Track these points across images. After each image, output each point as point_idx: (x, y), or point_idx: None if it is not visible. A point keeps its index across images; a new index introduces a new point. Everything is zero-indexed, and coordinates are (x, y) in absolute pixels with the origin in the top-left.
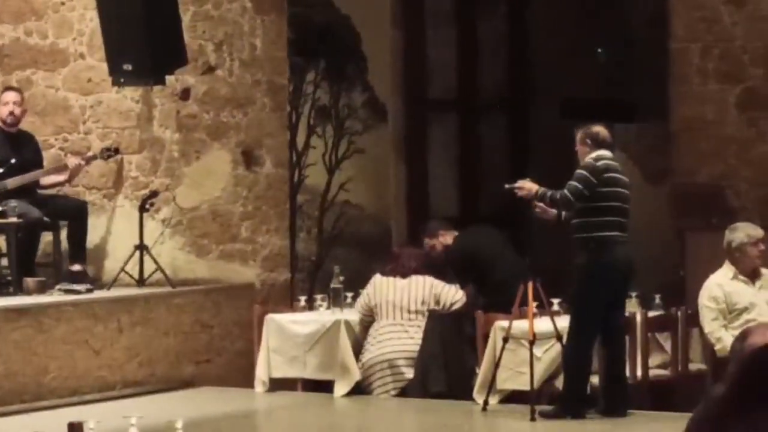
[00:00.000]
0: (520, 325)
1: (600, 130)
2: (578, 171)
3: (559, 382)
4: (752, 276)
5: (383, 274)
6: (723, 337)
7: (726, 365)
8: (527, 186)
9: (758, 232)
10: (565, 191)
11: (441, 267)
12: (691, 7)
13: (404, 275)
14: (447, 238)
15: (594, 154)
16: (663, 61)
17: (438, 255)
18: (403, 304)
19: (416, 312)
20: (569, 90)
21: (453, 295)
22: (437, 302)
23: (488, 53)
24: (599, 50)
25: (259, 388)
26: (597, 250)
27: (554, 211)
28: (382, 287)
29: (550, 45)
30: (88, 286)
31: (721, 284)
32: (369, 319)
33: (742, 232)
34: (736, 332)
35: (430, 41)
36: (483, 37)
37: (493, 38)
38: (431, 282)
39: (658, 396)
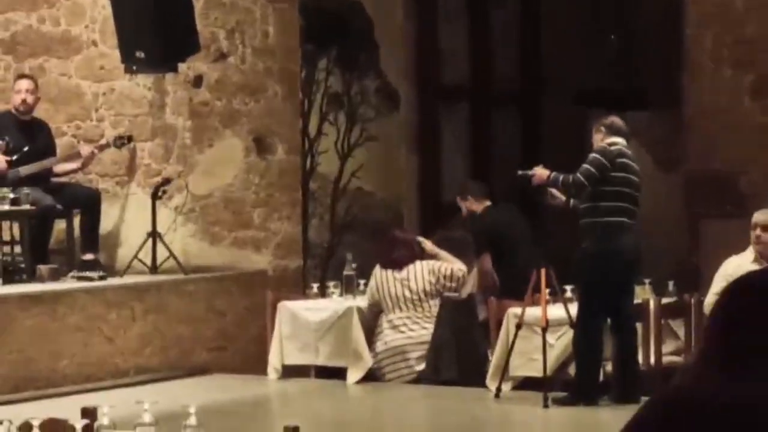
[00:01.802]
0: (533, 312)
1: (615, 119)
2: (591, 155)
3: (573, 369)
4: None
5: (382, 266)
6: None
7: None
8: (539, 172)
9: (762, 217)
10: (578, 174)
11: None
12: None
13: (400, 267)
14: (474, 205)
15: (608, 140)
16: (675, 49)
17: (460, 217)
18: (407, 295)
19: (420, 301)
20: (580, 79)
21: (455, 270)
22: (448, 278)
23: (501, 43)
24: (612, 37)
25: (272, 374)
26: (604, 236)
27: (563, 198)
28: (383, 282)
29: (561, 34)
30: (101, 273)
31: (740, 265)
32: (377, 309)
33: (757, 216)
34: None
35: (443, 30)
36: (495, 26)
37: (505, 28)
38: (429, 268)
39: None
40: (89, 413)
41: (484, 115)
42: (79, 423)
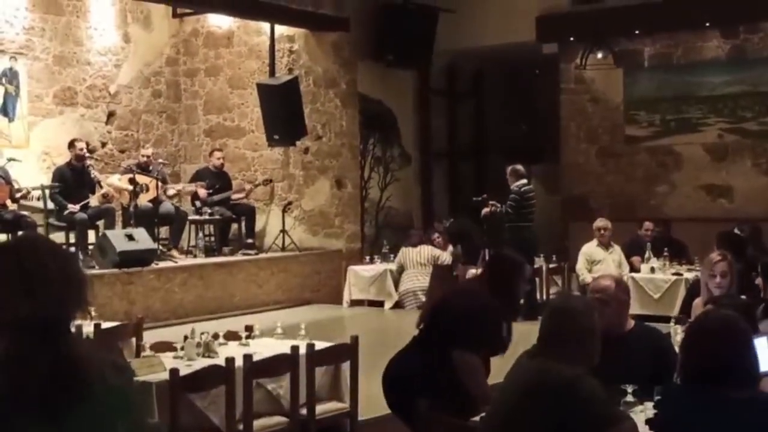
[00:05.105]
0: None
1: (519, 167)
2: (511, 195)
3: None
4: (606, 246)
5: (405, 246)
6: (584, 275)
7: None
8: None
9: (601, 223)
10: (506, 207)
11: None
12: (571, 103)
13: (415, 246)
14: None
15: (518, 183)
16: (556, 130)
17: (443, 229)
18: (417, 261)
19: (424, 265)
20: (507, 144)
21: (444, 258)
22: (436, 259)
23: (463, 125)
24: (523, 126)
25: (344, 304)
26: (518, 233)
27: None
28: (406, 253)
29: (497, 119)
30: (256, 251)
31: (589, 247)
32: (401, 269)
33: (598, 222)
34: (594, 273)
35: (432, 120)
36: (460, 116)
37: (466, 116)
38: (430, 249)
39: None
40: (249, 327)
41: (455, 165)
42: (244, 333)
